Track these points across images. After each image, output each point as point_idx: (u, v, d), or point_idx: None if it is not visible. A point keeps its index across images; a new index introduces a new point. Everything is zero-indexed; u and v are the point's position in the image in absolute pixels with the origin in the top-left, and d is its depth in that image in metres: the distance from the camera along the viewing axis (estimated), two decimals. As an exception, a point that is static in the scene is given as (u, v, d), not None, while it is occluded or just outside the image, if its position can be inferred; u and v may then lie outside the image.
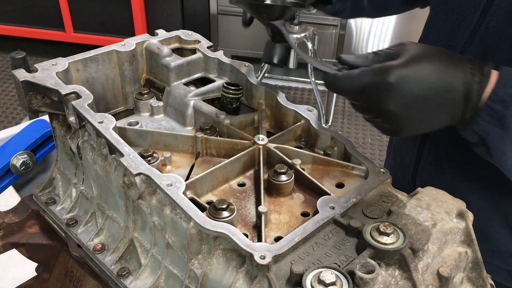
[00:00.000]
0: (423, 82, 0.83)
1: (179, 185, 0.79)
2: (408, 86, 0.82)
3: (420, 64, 0.84)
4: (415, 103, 0.83)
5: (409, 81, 0.82)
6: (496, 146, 0.86)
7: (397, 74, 0.82)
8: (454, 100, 0.85)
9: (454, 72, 0.85)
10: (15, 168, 1.49)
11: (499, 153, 0.87)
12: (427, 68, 0.84)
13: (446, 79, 0.84)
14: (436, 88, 0.84)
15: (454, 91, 0.84)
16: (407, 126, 0.87)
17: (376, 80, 0.83)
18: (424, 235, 0.74)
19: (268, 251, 0.70)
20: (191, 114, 1.09)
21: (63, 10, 4.78)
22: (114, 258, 0.94)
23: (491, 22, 0.99)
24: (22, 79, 0.97)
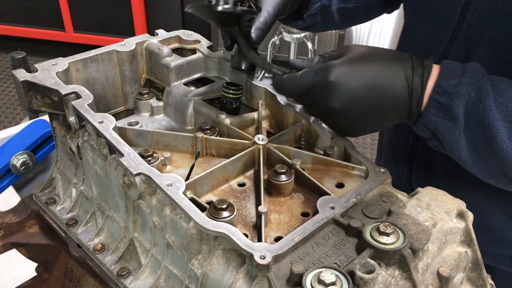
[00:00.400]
0: (363, 78, 0.85)
1: (179, 185, 0.79)
2: (348, 82, 0.85)
3: (360, 62, 0.86)
4: (357, 99, 0.86)
5: (349, 77, 0.85)
6: (447, 138, 0.88)
7: (336, 72, 0.84)
8: (398, 95, 0.87)
9: (394, 68, 0.87)
10: (15, 168, 1.49)
11: (451, 145, 0.88)
12: (368, 66, 0.86)
13: (387, 74, 0.86)
14: (377, 84, 0.86)
15: (395, 86, 0.86)
16: (356, 124, 0.89)
17: (317, 79, 0.86)
18: (424, 235, 0.74)
19: (268, 251, 0.70)
20: (191, 114, 1.09)
21: (63, 10, 4.78)
22: (114, 258, 0.94)
23: (472, 20, 1.00)
24: (22, 79, 0.97)
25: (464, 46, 1.03)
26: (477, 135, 0.85)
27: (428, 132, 0.90)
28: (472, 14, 0.99)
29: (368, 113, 0.88)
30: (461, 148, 0.87)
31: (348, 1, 1.22)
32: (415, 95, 0.87)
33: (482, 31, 0.98)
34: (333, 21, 1.24)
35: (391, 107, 0.88)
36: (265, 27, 1.00)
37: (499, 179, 0.92)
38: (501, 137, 0.83)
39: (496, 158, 0.85)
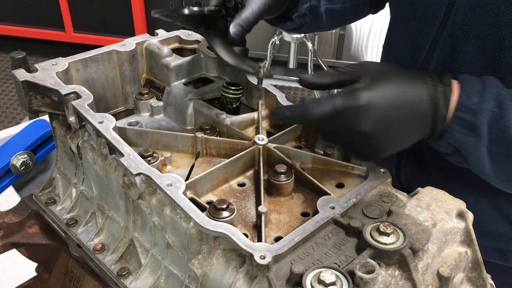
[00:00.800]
0: (391, 98, 0.84)
1: (179, 185, 0.79)
2: (378, 105, 0.83)
3: (384, 82, 0.85)
4: (387, 120, 0.84)
5: (378, 99, 0.83)
6: (472, 155, 0.89)
7: (366, 95, 0.83)
8: (423, 113, 0.87)
9: (417, 86, 0.87)
10: (15, 168, 1.49)
11: (475, 161, 0.89)
12: (393, 86, 0.85)
13: (412, 93, 0.86)
14: (403, 102, 0.85)
15: (421, 104, 0.86)
16: (382, 146, 0.87)
17: (346, 103, 0.83)
18: (424, 235, 0.74)
19: (268, 251, 0.70)
20: (191, 114, 1.09)
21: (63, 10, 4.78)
22: (114, 258, 0.94)
23: (457, 17, 1.00)
24: (22, 79, 0.97)
25: (449, 43, 1.03)
26: (498, 149, 0.87)
27: (451, 148, 0.91)
28: (456, 11, 1.00)
29: (395, 133, 0.87)
30: (485, 162, 0.89)
31: (336, 2, 1.22)
32: (440, 112, 0.87)
33: (467, 28, 0.99)
34: (321, 22, 1.24)
35: (417, 125, 0.88)
36: (245, 24, 0.98)
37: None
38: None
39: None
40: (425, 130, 0.89)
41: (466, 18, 0.99)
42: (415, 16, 1.10)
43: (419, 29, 1.10)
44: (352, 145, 0.89)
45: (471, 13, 0.98)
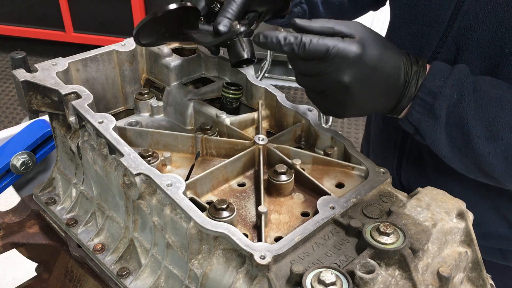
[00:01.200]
0: (375, 61, 0.85)
1: (179, 185, 0.79)
2: (364, 61, 0.84)
3: (374, 45, 0.86)
4: (365, 80, 0.86)
5: (366, 58, 0.84)
6: (429, 135, 0.92)
7: (359, 48, 0.83)
8: (394, 85, 0.89)
9: (396, 58, 0.89)
10: (15, 168, 1.49)
11: (432, 141, 0.92)
12: (379, 51, 0.87)
13: (391, 63, 0.88)
14: (384, 69, 0.87)
15: (396, 76, 0.89)
16: (352, 103, 0.88)
17: (341, 48, 0.82)
18: (424, 235, 0.74)
19: (268, 251, 0.70)
20: (191, 114, 1.09)
21: (63, 10, 4.78)
22: (114, 258, 0.94)
23: (462, 23, 1.01)
24: (22, 79, 0.97)
25: (454, 48, 1.04)
26: (456, 133, 0.90)
27: (411, 127, 0.94)
28: (462, 17, 1.01)
29: (369, 95, 0.89)
30: (442, 144, 0.91)
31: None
32: (409, 89, 0.90)
33: (470, 34, 1.00)
34: (317, 11, 1.24)
35: (387, 94, 0.90)
36: (231, 15, 0.95)
37: (476, 175, 0.97)
38: (478, 136, 0.88)
39: (472, 155, 0.90)
40: (390, 102, 0.91)
41: (470, 24, 0.99)
42: (418, 19, 1.10)
43: (422, 33, 1.09)
44: (324, 94, 0.89)
45: (475, 19, 0.99)
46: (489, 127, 0.87)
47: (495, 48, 0.97)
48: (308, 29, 0.85)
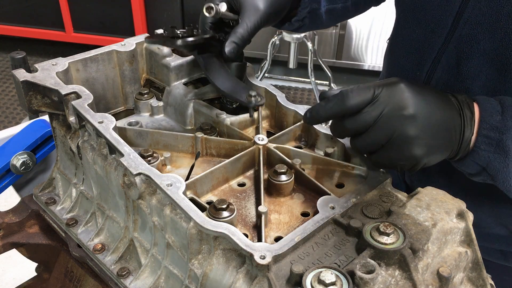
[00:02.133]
0: (433, 106, 0.83)
1: (179, 185, 0.79)
2: (425, 110, 0.82)
3: (427, 94, 0.84)
4: (433, 125, 0.83)
5: (424, 105, 0.82)
6: (500, 172, 0.88)
7: (407, 88, 0.82)
8: (453, 128, 0.85)
9: (448, 102, 0.86)
10: (15, 168, 1.49)
11: (503, 178, 0.88)
12: (430, 95, 0.84)
13: (446, 107, 0.85)
14: (442, 114, 0.84)
15: (453, 119, 0.85)
16: (419, 151, 0.83)
17: (390, 109, 0.80)
18: (424, 235, 0.74)
19: (268, 251, 0.70)
20: (191, 114, 1.09)
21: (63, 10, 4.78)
22: (114, 258, 0.94)
23: (464, 30, 1.01)
24: (22, 79, 0.97)
25: (455, 55, 1.04)
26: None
27: (477, 167, 0.90)
28: (463, 25, 1.00)
29: (434, 144, 0.84)
30: (511, 180, 0.88)
31: (337, 2, 1.22)
32: (466, 130, 0.86)
33: (473, 42, 1.00)
34: (320, 22, 1.24)
35: (448, 139, 0.86)
36: (240, 41, 0.98)
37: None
38: None
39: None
40: (452, 147, 0.87)
41: (473, 33, 0.99)
42: (422, 23, 1.09)
43: (425, 37, 1.09)
44: (384, 148, 0.84)
45: (478, 28, 0.98)
46: None
47: (501, 57, 0.96)
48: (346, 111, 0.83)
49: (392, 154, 0.83)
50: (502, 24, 0.94)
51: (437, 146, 0.85)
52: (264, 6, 1.00)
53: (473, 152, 0.88)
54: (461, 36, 1.01)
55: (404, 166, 0.85)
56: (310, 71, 4.13)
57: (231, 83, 1.00)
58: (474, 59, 1.01)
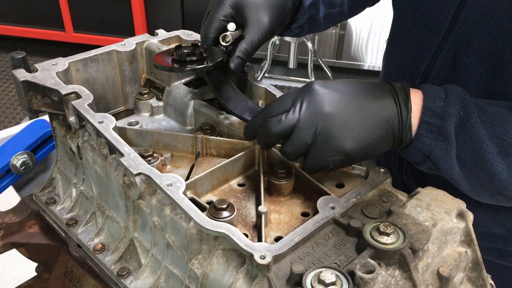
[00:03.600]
0: (357, 101, 0.84)
1: (179, 185, 0.79)
2: (343, 105, 0.83)
3: (346, 88, 0.85)
4: (357, 121, 0.83)
5: (344, 100, 0.83)
6: (443, 160, 0.87)
7: (320, 85, 0.84)
8: (391, 117, 0.84)
9: (379, 92, 0.86)
10: (15, 168, 1.49)
11: (446, 166, 0.87)
12: (355, 90, 0.85)
13: (375, 98, 0.85)
14: (371, 106, 0.84)
15: (385, 109, 0.84)
16: (351, 146, 0.83)
17: (302, 93, 0.84)
18: (424, 235, 0.74)
19: (268, 251, 0.70)
20: (191, 114, 1.09)
21: (63, 10, 4.78)
22: (114, 258, 0.94)
23: (462, 28, 1.01)
24: (22, 79, 0.97)
25: (452, 53, 1.04)
26: (466, 154, 0.85)
27: (421, 155, 0.89)
28: (462, 23, 1.01)
29: (371, 129, 0.84)
30: (454, 167, 0.87)
31: (334, 6, 1.22)
32: (404, 118, 0.85)
33: (470, 40, 1.00)
34: (318, 26, 1.25)
35: (388, 125, 0.85)
36: (245, 56, 0.99)
37: (484, 195, 0.92)
38: (490, 152, 0.83)
39: (485, 174, 0.85)
40: (393, 134, 0.86)
41: (470, 30, 0.99)
42: (419, 22, 1.10)
43: (423, 36, 1.09)
44: (312, 147, 0.85)
45: (474, 25, 0.98)
46: (499, 142, 0.83)
47: (495, 55, 0.96)
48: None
49: (321, 151, 0.84)
50: (497, 21, 0.94)
51: (371, 136, 0.84)
52: (269, 21, 1.02)
53: (415, 140, 0.86)
54: (459, 34, 1.02)
55: (337, 162, 0.85)
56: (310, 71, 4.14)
57: (241, 104, 1.01)
58: (469, 57, 1.01)
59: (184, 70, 0.99)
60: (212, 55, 1.00)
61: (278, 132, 0.85)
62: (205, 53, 0.99)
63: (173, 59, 0.99)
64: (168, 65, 0.98)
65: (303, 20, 1.18)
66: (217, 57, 0.99)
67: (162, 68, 1.00)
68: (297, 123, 0.83)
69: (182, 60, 0.98)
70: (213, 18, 1.01)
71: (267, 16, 1.01)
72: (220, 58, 0.99)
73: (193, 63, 0.98)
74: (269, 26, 1.01)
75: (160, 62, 0.99)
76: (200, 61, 0.98)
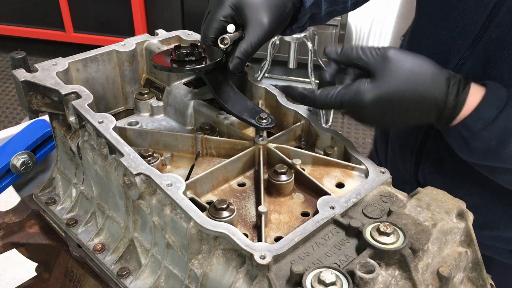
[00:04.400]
0: (403, 94, 0.88)
1: (179, 185, 0.79)
2: (386, 97, 0.88)
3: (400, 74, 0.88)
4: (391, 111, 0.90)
5: (389, 92, 0.88)
6: (461, 153, 0.96)
7: (377, 87, 0.87)
8: (428, 111, 0.90)
9: (432, 90, 0.89)
10: (15, 168, 1.49)
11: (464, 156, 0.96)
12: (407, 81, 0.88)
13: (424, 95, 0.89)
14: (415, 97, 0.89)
15: (430, 105, 0.90)
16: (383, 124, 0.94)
17: (351, 102, 0.88)
18: (424, 235, 0.74)
19: (268, 251, 0.70)
20: (191, 114, 1.09)
21: (63, 10, 4.78)
22: (114, 258, 0.94)
23: (494, 33, 0.99)
24: (22, 79, 0.97)
25: (482, 58, 1.02)
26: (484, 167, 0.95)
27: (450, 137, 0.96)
28: (495, 28, 0.99)
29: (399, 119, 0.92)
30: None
31: (338, 4, 1.22)
32: (449, 100, 0.90)
33: (504, 46, 0.98)
34: (319, 22, 1.25)
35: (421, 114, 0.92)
36: (244, 56, 0.99)
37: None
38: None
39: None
40: (427, 118, 0.92)
41: (504, 36, 0.98)
42: (448, 24, 1.08)
43: (451, 39, 1.08)
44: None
45: (510, 31, 0.97)
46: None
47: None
48: (337, 60, 0.93)
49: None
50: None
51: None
52: (269, 22, 1.01)
53: (448, 130, 0.93)
54: (491, 39, 1.00)
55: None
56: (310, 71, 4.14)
57: (240, 104, 1.01)
58: (501, 64, 0.99)
59: (183, 70, 0.99)
60: (211, 55, 1.00)
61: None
62: (204, 53, 0.99)
63: (172, 59, 0.99)
64: (167, 65, 0.98)
65: (304, 20, 1.17)
66: (216, 57, 0.99)
67: (161, 68, 1.00)
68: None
69: (181, 60, 0.98)
70: (213, 19, 1.01)
71: (267, 17, 1.01)
72: (219, 58, 0.99)
73: (192, 63, 0.97)
74: (269, 27, 1.01)
75: (159, 62, 0.99)
76: (199, 61, 0.98)
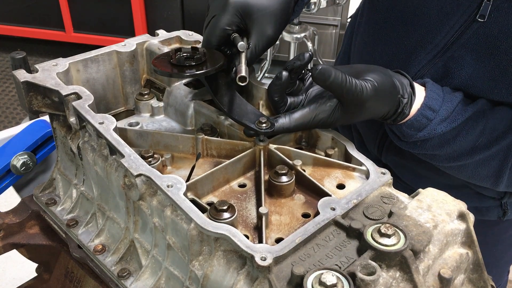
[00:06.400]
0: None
1: (180, 186, 0.79)
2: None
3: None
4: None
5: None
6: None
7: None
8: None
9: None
10: (15, 169, 1.49)
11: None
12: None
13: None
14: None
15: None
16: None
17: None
18: (425, 236, 0.74)
19: (269, 253, 0.70)
20: (191, 115, 1.09)
21: (63, 10, 4.78)
22: (115, 259, 0.94)
23: (457, 52, 1.04)
24: (22, 79, 0.97)
25: (441, 72, 1.08)
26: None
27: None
28: (458, 48, 1.04)
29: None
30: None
31: None
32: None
33: (464, 64, 1.04)
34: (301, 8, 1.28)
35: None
36: (248, 63, 0.99)
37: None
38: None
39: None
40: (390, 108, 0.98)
41: (466, 57, 1.04)
42: (413, 36, 1.12)
43: (415, 49, 1.12)
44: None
45: (472, 53, 1.03)
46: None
47: (487, 87, 1.02)
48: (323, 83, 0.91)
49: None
50: (495, 57, 0.99)
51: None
52: (273, 30, 1.03)
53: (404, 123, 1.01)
54: (452, 57, 1.05)
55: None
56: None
57: (240, 108, 1.00)
58: (459, 78, 1.05)
59: (183, 75, 0.97)
60: (212, 59, 0.99)
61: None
62: (204, 57, 0.98)
63: (172, 64, 0.99)
64: (167, 70, 0.97)
65: (300, 9, 1.20)
66: (217, 62, 0.98)
67: (161, 73, 0.98)
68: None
69: (181, 65, 0.97)
70: (217, 26, 0.99)
71: (272, 26, 1.02)
72: (220, 62, 0.98)
73: (192, 68, 0.96)
74: (274, 34, 1.03)
75: (159, 66, 0.98)
76: (200, 65, 0.97)
